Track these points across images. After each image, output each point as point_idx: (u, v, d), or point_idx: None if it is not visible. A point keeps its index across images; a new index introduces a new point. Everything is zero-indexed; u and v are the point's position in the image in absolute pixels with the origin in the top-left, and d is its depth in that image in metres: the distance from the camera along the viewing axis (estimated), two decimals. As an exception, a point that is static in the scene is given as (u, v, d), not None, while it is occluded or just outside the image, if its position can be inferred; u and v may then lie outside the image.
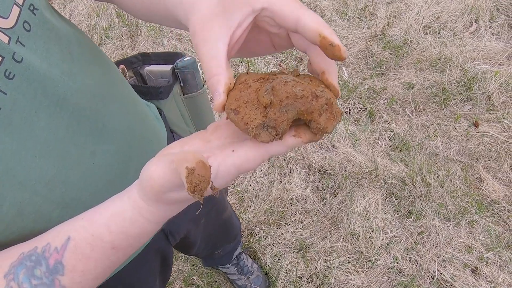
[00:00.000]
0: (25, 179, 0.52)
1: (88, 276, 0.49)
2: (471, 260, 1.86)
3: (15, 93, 0.49)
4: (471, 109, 2.18)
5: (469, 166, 2.05)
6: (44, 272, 0.48)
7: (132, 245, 0.50)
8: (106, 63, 0.71)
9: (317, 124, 0.43)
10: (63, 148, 0.57)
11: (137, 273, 0.94)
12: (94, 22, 2.56)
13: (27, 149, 0.52)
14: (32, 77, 0.51)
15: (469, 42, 2.34)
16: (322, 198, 2.03)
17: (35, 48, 0.52)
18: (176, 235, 1.04)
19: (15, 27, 0.50)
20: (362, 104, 2.22)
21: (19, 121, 0.50)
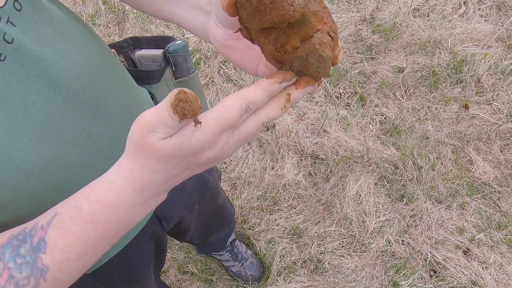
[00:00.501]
0: (22, 163, 0.51)
1: (69, 255, 0.47)
2: (463, 242, 1.88)
3: (7, 75, 0.48)
4: (461, 91, 2.19)
5: (460, 148, 2.06)
6: (28, 250, 0.47)
7: (110, 220, 0.47)
8: (100, 45, 0.69)
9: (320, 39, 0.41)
10: (59, 131, 0.55)
11: (132, 257, 0.94)
12: (80, 9, 2.52)
13: (23, 132, 0.50)
14: (24, 58, 0.50)
15: (458, 24, 2.34)
16: (314, 183, 2.03)
17: (27, 28, 0.51)
18: (170, 220, 1.04)
19: (5, 7, 0.48)
20: (353, 88, 2.21)
21: (13, 103, 0.49)
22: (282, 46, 0.45)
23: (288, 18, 0.40)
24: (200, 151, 0.43)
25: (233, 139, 0.44)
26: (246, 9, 0.43)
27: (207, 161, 0.45)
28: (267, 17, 0.41)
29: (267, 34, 0.45)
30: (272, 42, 0.45)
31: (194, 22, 0.57)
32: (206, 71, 2.29)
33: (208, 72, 2.28)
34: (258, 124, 0.44)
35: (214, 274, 1.90)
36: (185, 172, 0.46)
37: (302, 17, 0.41)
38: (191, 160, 0.44)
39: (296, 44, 0.43)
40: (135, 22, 2.46)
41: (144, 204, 0.47)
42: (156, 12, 0.63)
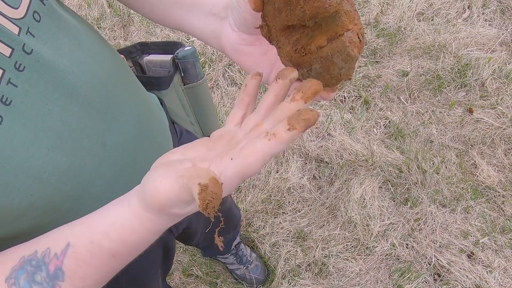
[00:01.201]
0: (39, 172, 0.51)
1: (88, 281, 0.49)
2: (467, 246, 1.88)
3: (26, 85, 0.49)
4: (465, 95, 2.20)
5: (464, 152, 2.07)
6: (44, 277, 0.47)
7: (131, 252, 0.49)
8: (113, 53, 0.70)
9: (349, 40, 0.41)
10: (76, 140, 0.56)
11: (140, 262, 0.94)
12: (85, 12, 2.53)
13: (40, 141, 0.51)
14: (42, 69, 0.50)
15: (462, 28, 2.35)
16: (319, 187, 2.03)
17: (45, 39, 0.52)
18: (179, 225, 1.05)
19: (25, 18, 0.49)
20: (357, 92, 2.22)
21: (31, 113, 0.50)
22: (303, 48, 0.45)
23: (322, 11, 0.40)
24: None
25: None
26: (274, 3, 0.42)
27: None
28: (297, 11, 0.41)
29: (288, 34, 0.45)
30: (292, 43, 0.45)
31: (205, 29, 0.57)
32: (211, 74, 2.30)
33: (213, 75, 2.29)
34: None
35: (218, 277, 1.90)
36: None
37: (334, 14, 0.41)
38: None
39: (322, 43, 0.43)
40: (140, 26, 2.47)
41: (166, 227, 0.49)
42: (166, 19, 0.64)
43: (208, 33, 0.57)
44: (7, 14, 0.47)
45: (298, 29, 0.45)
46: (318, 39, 0.43)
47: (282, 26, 0.44)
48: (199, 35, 0.59)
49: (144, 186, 0.44)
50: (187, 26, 0.60)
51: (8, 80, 0.47)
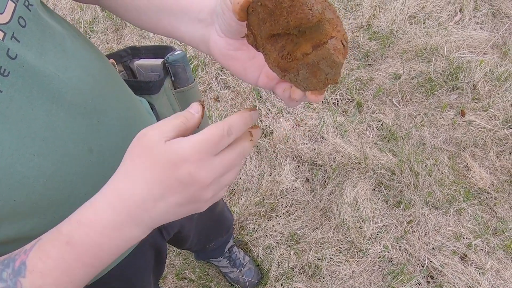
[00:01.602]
0: (24, 177, 0.51)
1: (47, 279, 0.47)
2: (460, 248, 1.89)
3: (11, 90, 0.49)
4: (457, 98, 2.21)
5: (456, 154, 2.08)
6: (9, 274, 0.47)
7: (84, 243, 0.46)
8: (101, 59, 0.70)
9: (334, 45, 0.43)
10: (62, 145, 0.56)
11: (132, 267, 0.94)
12: (78, 16, 2.52)
13: (25, 147, 0.51)
14: (27, 74, 0.51)
15: (454, 31, 2.36)
16: (312, 190, 2.04)
17: (31, 44, 0.52)
18: (170, 229, 1.04)
19: (10, 23, 0.49)
20: (350, 95, 2.23)
21: (17, 119, 0.50)
22: (289, 54, 0.46)
23: (305, 22, 0.41)
24: (182, 161, 0.44)
25: (216, 165, 0.47)
26: (258, 14, 0.43)
27: (187, 178, 0.45)
28: (281, 22, 0.42)
29: (274, 42, 0.46)
30: (278, 49, 0.46)
31: (194, 35, 0.57)
32: (204, 77, 2.30)
33: (206, 78, 2.29)
34: (238, 153, 0.49)
35: (212, 280, 1.90)
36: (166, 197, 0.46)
37: (317, 23, 0.42)
38: (172, 174, 0.45)
39: (307, 50, 0.44)
40: (133, 29, 2.47)
41: (119, 230, 0.47)
42: (153, 27, 0.64)
43: (196, 38, 0.57)
44: None
45: (283, 36, 0.46)
46: (303, 46, 0.44)
47: (267, 35, 0.45)
48: (187, 40, 0.60)
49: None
50: (175, 32, 0.61)
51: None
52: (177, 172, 0.45)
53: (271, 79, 0.54)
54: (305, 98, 0.50)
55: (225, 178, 0.49)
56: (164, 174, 0.45)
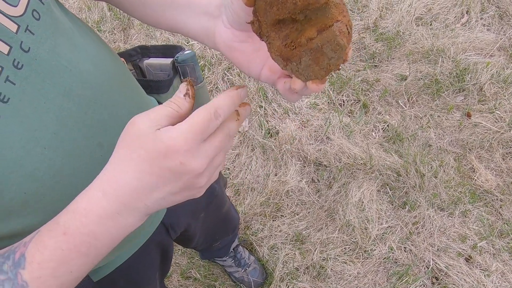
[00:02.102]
0: (34, 170, 0.52)
1: (45, 271, 0.46)
2: (465, 249, 1.89)
3: (24, 83, 0.49)
4: (463, 100, 2.21)
5: (462, 156, 2.08)
6: (10, 266, 0.47)
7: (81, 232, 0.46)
8: (112, 55, 0.70)
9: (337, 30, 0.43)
10: (72, 140, 0.56)
11: (138, 265, 0.95)
12: (85, 15, 2.54)
13: (36, 140, 0.51)
14: (40, 68, 0.51)
15: (460, 33, 2.36)
16: (317, 190, 2.04)
17: (45, 37, 0.52)
18: (177, 228, 1.05)
19: (24, 15, 0.49)
20: (356, 96, 2.23)
21: (29, 112, 0.50)
22: (293, 42, 0.46)
23: (313, 2, 0.42)
24: (173, 152, 0.44)
25: (206, 149, 0.46)
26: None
27: (180, 168, 0.45)
28: (288, 4, 0.43)
29: (278, 29, 0.47)
30: (282, 38, 0.47)
31: (199, 28, 0.58)
32: (211, 77, 2.30)
33: (212, 78, 2.30)
34: (225, 135, 0.48)
35: (217, 279, 1.91)
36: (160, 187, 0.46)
37: (325, 6, 0.42)
38: (163, 164, 0.44)
39: (312, 34, 0.44)
40: (140, 29, 2.48)
41: (114, 219, 0.47)
42: (159, 21, 0.65)
43: (202, 32, 0.58)
44: (5, 12, 0.47)
45: (288, 24, 0.46)
46: (308, 31, 0.45)
47: (273, 21, 0.46)
48: (193, 34, 0.60)
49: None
50: (180, 26, 0.61)
51: (6, 78, 0.47)
52: (169, 163, 0.44)
53: (274, 72, 0.55)
54: (306, 89, 0.50)
55: (215, 161, 0.49)
56: (156, 165, 0.45)
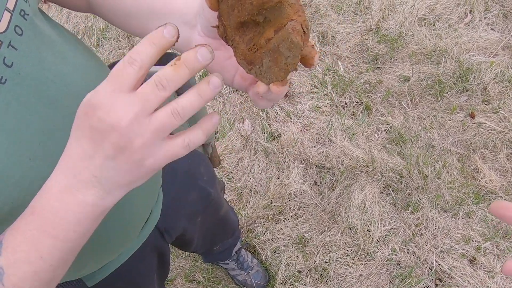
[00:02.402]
0: (20, 179, 0.53)
1: (18, 254, 0.46)
2: (469, 251, 1.88)
3: (8, 97, 0.51)
4: (467, 100, 2.20)
5: (466, 157, 2.07)
6: None
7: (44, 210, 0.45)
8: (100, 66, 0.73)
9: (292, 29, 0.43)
10: (59, 149, 0.57)
11: (134, 269, 0.97)
12: (91, 23, 2.58)
13: (21, 151, 0.53)
14: (25, 82, 0.53)
15: (464, 33, 2.35)
16: (320, 193, 2.05)
17: (28, 51, 0.54)
18: (172, 232, 1.06)
19: (7, 32, 0.51)
20: (358, 98, 2.23)
21: (13, 124, 0.52)
22: (255, 44, 0.47)
23: (267, 1, 0.43)
24: (89, 106, 0.42)
25: (127, 100, 0.41)
26: (228, 1, 0.45)
27: (100, 125, 0.41)
28: (246, 5, 0.44)
29: (242, 33, 0.48)
30: (246, 42, 0.48)
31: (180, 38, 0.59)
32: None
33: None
34: (151, 81, 0.42)
35: (220, 282, 1.93)
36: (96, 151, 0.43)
37: (279, 5, 0.43)
38: (87, 123, 0.42)
39: (270, 35, 0.45)
40: (145, 35, 2.51)
41: (71, 193, 0.45)
42: (142, 31, 0.65)
43: (182, 42, 0.58)
44: None
45: (252, 27, 0.48)
46: (267, 32, 0.46)
47: (236, 24, 0.47)
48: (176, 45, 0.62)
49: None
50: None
51: None
52: (90, 120, 0.41)
53: (245, 79, 0.56)
54: (270, 93, 0.50)
55: (155, 118, 0.42)
56: (84, 127, 0.43)
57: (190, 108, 0.43)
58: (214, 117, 0.46)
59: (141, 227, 0.91)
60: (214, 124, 0.46)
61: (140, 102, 0.41)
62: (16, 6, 0.53)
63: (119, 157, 0.43)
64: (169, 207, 1.01)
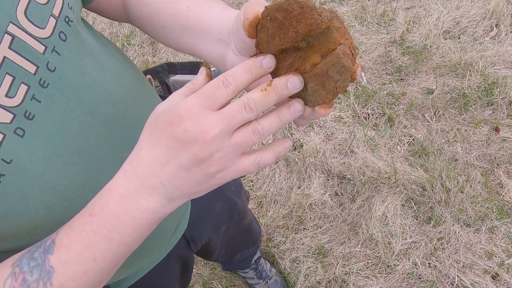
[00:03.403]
0: (56, 185, 0.54)
1: (70, 254, 0.46)
2: (492, 266, 1.85)
3: (49, 102, 0.52)
4: (491, 114, 2.17)
5: (490, 171, 2.04)
6: (40, 252, 0.47)
7: (104, 211, 0.46)
8: (136, 74, 0.74)
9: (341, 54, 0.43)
10: (94, 155, 0.59)
11: (159, 278, 0.97)
12: (116, 29, 2.62)
13: (59, 155, 0.54)
14: (65, 86, 0.54)
15: (489, 47, 2.33)
16: (340, 203, 2.04)
17: (70, 57, 0.55)
18: (198, 241, 1.07)
19: (51, 37, 0.53)
20: (381, 109, 2.22)
21: (52, 128, 0.53)
22: (297, 70, 0.46)
23: (315, 28, 0.42)
24: (178, 118, 0.43)
25: (214, 116, 0.43)
26: (268, 30, 0.45)
27: (184, 135, 0.43)
28: (290, 33, 0.43)
29: (282, 59, 0.47)
30: (286, 67, 0.47)
31: (213, 54, 0.60)
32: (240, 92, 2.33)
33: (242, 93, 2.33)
34: (239, 103, 0.43)
35: (239, 291, 1.93)
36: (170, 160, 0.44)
37: (326, 30, 0.43)
38: (169, 132, 0.43)
39: (316, 60, 0.45)
40: (169, 42, 2.54)
41: (134, 198, 0.46)
42: (178, 45, 0.66)
43: (215, 58, 0.60)
44: (33, 34, 0.50)
45: (291, 53, 0.47)
46: (312, 57, 0.45)
47: (276, 52, 0.46)
48: (209, 59, 0.62)
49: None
50: (197, 51, 0.63)
51: (33, 96, 0.50)
52: (174, 130, 0.43)
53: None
54: (313, 114, 0.49)
55: (235, 138, 0.44)
56: (164, 135, 0.44)
57: (269, 129, 0.45)
58: (287, 142, 0.48)
59: (170, 236, 0.92)
60: (286, 149, 0.48)
61: (226, 120, 0.43)
62: (62, 12, 0.55)
63: (193, 168, 0.44)
64: (196, 216, 1.02)
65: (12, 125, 0.48)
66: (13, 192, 0.49)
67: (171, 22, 0.64)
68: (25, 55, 0.49)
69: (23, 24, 0.49)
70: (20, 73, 0.49)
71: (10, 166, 0.48)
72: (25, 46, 0.49)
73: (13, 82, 0.48)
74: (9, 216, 0.50)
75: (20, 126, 0.49)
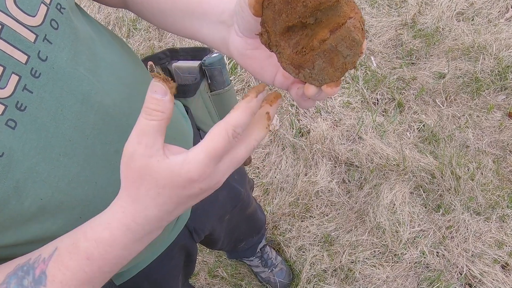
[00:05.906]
0: (49, 177, 0.53)
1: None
2: (502, 256, 1.82)
3: (41, 91, 0.50)
4: (505, 99, 2.11)
5: (502, 158, 1.99)
6: (30, 282, 0.48)
7: (105, 258, 0.49)
8: (134, 62, 0.71)
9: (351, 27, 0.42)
10: (89, 147, 0.57)
11: (162, 269, 0.96)
12: (122, 14, 2.57)
13: (52, 147, 0.52)
14: (58, 76, 0.52)
15: (504, 29, 2.25)
16: (348, 191, 2.00)
17: (63, 46, 0.53)
18: (201, 232, 1.05)
19: (43, 25, 0.51)
20: (391, 94, 2.17)
21: (45, 119, 0.51)
22: (304, 48, 0.46)
23: (325, 1, 0.41)
24: (191, 183, 0.44)
25: (225, 166, 0.46)
26: (275, 6, 0.43)
27: (200, 192, 0.46)
28: (298, 8, 0.42)
29: (288, 38, 0.46)
30: (293, 46, 0.46)
31: (215, 37, 0.58)
32: (243, 75, 2.29)
33: (244, 76, 2.29)
34: (248, 149, 0.46)
35: (243, 279, 1.91)
36: (179, 208, 0.47)
37: (336, 4, 0.42)
38: (183, 193, 0.45)
39: (325, 36, 0.43)
40: (174, 24, 2.49)
41: (140, 240, 0.49)
42: (178, 29, 0.65)
43: (217, 40, 0.58)
44: (23, 22, 0.48)
45: (298, 31, 0.46)
46: (320, 33, 0.44)
47: (282, 29, 0.45)
48: (210, 42, 0.60)
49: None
50: (198, 34, 0.62)
51: (24, 86, 0.48)
52: (188, 191, 0.45)
53: (287, 78, 0.54)
54: (320, 94, 0.49)
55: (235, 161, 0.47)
56: (175, 195, 0.45)
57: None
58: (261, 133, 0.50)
59: (172, 226, 0.90)
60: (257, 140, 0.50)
61: (234, 166, 0.47)
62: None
63: (191, 202, 0.48)
64: (199, 206, 0.99)
65: (4, 117, 0.47)
66: (5, 184, 0.48)
67: (170, 6, 0.62)
68: (15, 44, 0.48)
69: (12, 12, 0.47)
70: (10, 63, 0.47)
71: (2, 159, 0.47)
72: (15, 35, 0.48)
73: (4, 72, 0.47)
74: (1, 209, 0.49)
75: (12, 118, 0.48)
